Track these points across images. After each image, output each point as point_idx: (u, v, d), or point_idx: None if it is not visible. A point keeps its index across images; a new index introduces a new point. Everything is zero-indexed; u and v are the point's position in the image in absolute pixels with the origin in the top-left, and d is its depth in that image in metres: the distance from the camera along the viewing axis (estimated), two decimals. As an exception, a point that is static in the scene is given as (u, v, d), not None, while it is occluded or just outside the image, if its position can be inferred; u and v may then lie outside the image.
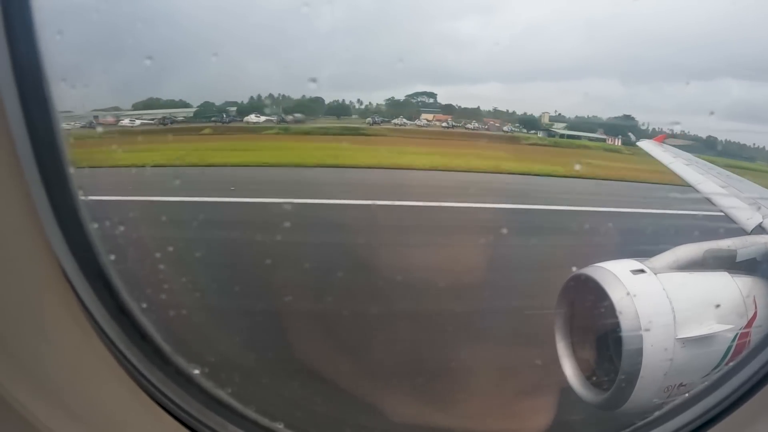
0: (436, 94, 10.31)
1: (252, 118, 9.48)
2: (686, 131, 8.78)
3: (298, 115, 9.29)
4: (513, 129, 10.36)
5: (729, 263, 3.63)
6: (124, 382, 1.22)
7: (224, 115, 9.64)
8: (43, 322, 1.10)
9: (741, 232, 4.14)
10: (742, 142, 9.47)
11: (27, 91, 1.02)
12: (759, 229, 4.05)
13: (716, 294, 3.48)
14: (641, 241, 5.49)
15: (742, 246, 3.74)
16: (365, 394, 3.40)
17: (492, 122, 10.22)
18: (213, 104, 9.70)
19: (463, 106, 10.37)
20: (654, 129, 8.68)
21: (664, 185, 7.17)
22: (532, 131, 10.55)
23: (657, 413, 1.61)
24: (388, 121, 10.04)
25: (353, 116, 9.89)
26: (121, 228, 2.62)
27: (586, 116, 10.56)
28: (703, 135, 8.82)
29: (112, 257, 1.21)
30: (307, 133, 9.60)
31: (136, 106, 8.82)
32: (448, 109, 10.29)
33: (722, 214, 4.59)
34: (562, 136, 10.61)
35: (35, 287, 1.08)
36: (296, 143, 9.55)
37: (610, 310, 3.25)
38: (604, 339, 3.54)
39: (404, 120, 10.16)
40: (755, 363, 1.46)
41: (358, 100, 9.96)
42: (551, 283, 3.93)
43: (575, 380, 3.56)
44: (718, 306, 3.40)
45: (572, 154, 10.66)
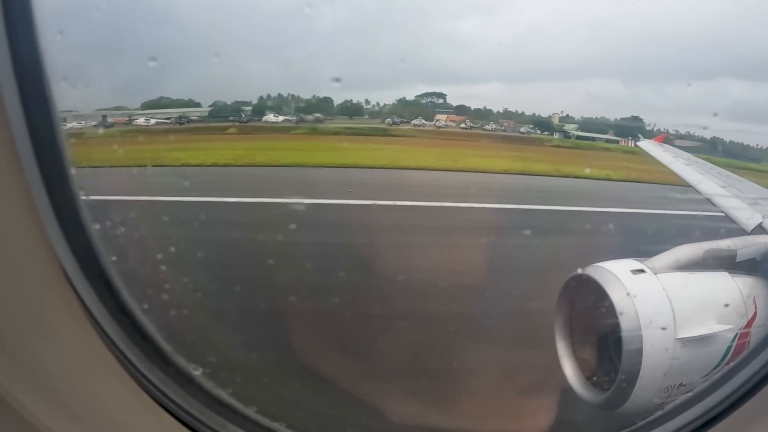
0: (445, 95, 10.29)
1: (270, 117, 9.42)
2: (691, 132, 8.77)
3: (318, 115, 9.22)
4: (529, 130, 10.31)
5: (729, 263, 3.63)
6: (124, 382, 1.22)
7: (242, 115, 9.60)
8: (44, 322, 1.10)
9: (741, 232, 4.13)
10: (745, 143, 9.47)
11: (28, 91, 1.02)
12: (759, 229, 4.05)
13: (716, 294, 3.48)
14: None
15: (742, 246, 3.74)
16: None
17: (507, 123, 10.18)
18: (225, 104, 9.65)
19: (471, 107, 10.37)
20: (659, 129, 8.69)
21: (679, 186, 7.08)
22: (546, 132, 10.48)
23: (657, 413, 1.61)
24: (407, 122, 9.98)
25: (365, 116, 9.85)
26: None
27: (593, 117, 10.52)
28: (708, 136, 8.81)
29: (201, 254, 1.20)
30: (335, 133, 9.50)
31: (146, 105, 8.77)
32: (460, 109, 10.25)
33: (722, 214, 4.58)
34: (576, 137, 10.53)
35: (36, 287, 1.08)
36: (329, 144, 9.40)
37: (610, 310, 3.25)
38: (604, 339, 3.53)
39: (423, 121, 10.14)
40: (755, 363, 1.46)
41: (366, 101, 9.94)
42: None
43: (575, 380, 3.55)
44: (718, 306, 3.40)
45: (596, 157, 10.55)
